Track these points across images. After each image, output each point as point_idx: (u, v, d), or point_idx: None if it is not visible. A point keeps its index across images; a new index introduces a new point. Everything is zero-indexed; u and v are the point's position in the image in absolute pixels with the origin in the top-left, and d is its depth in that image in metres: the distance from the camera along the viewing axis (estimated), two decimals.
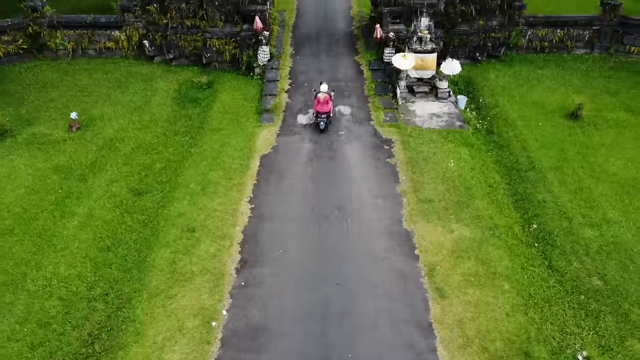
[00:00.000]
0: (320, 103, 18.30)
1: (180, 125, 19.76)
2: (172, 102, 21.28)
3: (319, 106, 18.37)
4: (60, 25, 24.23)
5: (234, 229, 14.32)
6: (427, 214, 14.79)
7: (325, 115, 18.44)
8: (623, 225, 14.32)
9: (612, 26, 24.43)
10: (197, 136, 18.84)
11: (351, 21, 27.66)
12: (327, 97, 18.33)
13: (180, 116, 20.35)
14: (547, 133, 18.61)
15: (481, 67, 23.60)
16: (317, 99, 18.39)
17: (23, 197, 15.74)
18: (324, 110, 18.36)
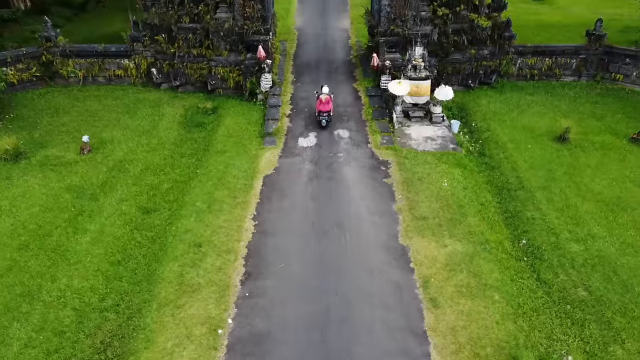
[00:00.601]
0: (322, 103, 20.75)
1: (186, 148, 20.69)
2: (179, 126, 22.27)
3: (321, 106, 20.81)
4: (72, 54, 25.46)
5: (238, 244, 15.09)
6: (421, 230, 15.58)
7: (326, 114, 20.94)
8: (607, 240, 15.11)
9: (597, 55, 25.69)
10: (203, 158, 19.76)
11: (349, 50, 28.97)
12: (328, 98, 20.86)
13: (187, 139, 21.29)
14: (536, 155, 19.56)
15: (474, 94, 24.73)
16: (319, 100, 20.84)
17: (38, 215, 16.55)
18: (326, 109, 20.84)
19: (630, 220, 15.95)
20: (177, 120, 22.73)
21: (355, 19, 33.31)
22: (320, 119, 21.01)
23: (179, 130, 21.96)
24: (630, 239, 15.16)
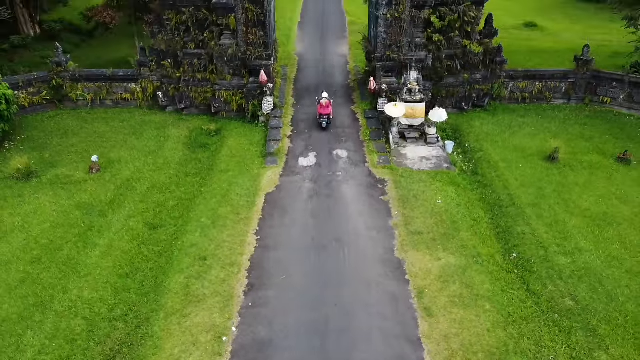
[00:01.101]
0: (322, 107, 23.29)
1: (191, 168, 21.51)
2: (184, 147, 23.15)
3: (322, 109, 23.34)
4: (81, 78, 26.49)
5: (241, 257, 15.80)
6: (416, 244, 16.31)
7: (326, 116, 23.41)
8: (593, 254, 15.83)
9: (585, 79, 26.79)
10: (207, 177, 20.57)
11: (348, 75, 30.11)
12: (328, 102, 23.41)
13: (191, 159, 22.14)
14: (527, 174, 20.40)
15: (467, 116, 25.71)
16: (320, 104, 23.36)
17: (49, 231, 17.27)
18: (326, 112, 23.37)
19: (615, 235, 16.69)
20: (182, 141, 23.61)
21: (354, 45, 34.59)
22: (321, 121, 23.46)
23: (183, 151, 22.81)
24: (615, 252, 15.88)
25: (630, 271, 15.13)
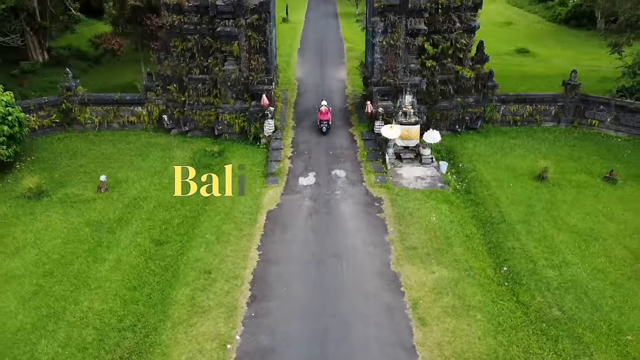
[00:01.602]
0: (322, 113, 26.01)
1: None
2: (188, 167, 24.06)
3: (321, 115, 26.03)
4: (90, 102, 27.55)
5: (244, 271, 16.57)
6: (411, 259, 17.10)
7: (326, 122, 26.09)
8: (579, 267, 16.62)
9: (574, 103, 27.89)
10: (211, 196, 21.43)
11: (346, 99, 31.26)
12: (327, 110, 26.07)
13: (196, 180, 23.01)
14: (517, 192, 21.30)
15: (461, 138, 26.73)
16: (320, 111, 26.06)
17: (60, 246, 18.06)
18: (325, 118, 26.07)
19: (601, 249, 17.50)
20: (187, 162, 24.51)
21: (351, 70, 35.89)
22: (321, 126, 26.16)
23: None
24: (600, 265, 16.67)
25: (614, 283, 15.89)
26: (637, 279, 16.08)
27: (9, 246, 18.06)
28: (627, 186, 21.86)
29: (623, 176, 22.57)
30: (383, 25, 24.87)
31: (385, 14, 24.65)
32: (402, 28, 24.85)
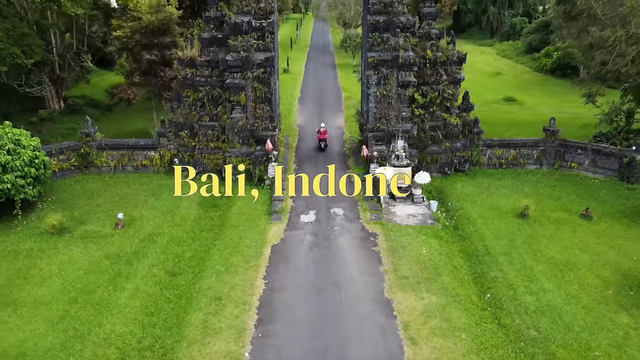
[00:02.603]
0: (321, 133, 31.65)
1: (204, 224, 24.26)
2: (198, 207, 25.99)
3: (320, 135, 31.60)
4: (106, 147, 29.82)
5: (252, 297, 18.25)
6: (403, 287, 18.82)
7: (324, 141, 31.56)
8: (555, 293, 18.32)
9: (554, 147, 30.21)
10: (219, 232, 23.28)
11: (344, 144, 33.61)
12: (325, 130, 31.75)
13: (205, 217, 24.93)
14: (501, 228, 23.20)
15: (450, 179, 28.85)
16: (319, 131, 31.67)
17: (82, 277, 19.76)
18: (323, 137, 31.67)
19: (575, 278, 19.24)
20: (196, 202, 26.47)
21: (349, 117, 38.49)
22: (320, 143, 31.56)
23: (197, 210, 25.64)
24: (574, 292, 18.38)
25: (586, 307, 17.57)
26: (606, 303, 17.78)
27: (36, 276, 19.77)
28: (602, 222, 23.79)
29: (598, 213, 24.53)
30: (376, 77, 27.49)
31: (379, 68, 27.31)
32: (393, 80, 27.46)
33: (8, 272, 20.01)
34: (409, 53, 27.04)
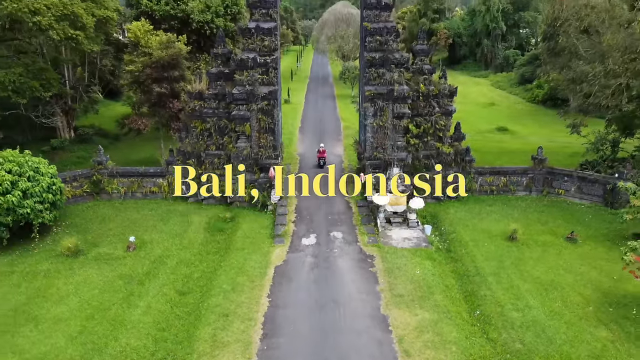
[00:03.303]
0: (320, 152, 35.77)
1: (211, 247, 25.65)
2: (204, 231, 27.44)
3: (320, 154, 35.70)
4: (117, 174, 31.41)
5: (257, 314, 19.56)
6: (398, 304, 20.14)
7: (323, 159, 35.65)
8: (540, 310, 19.64)
9: (542, 174, 31.84)
10: (225, 254, 24.66)
11: (342, 171, 35.23)
12: (324, 150, 35.70)
13: (211, 241, 26.34)
14: (491, 250, 24.62)
15: (443, 205, 30.38)
16: (319, 150, 35.83)
17: (97, 295, 21.08)
18: (322, 156, 35.81)
19: (558, 296, 20.59)
20: (203, 226, 27.94)
21: (347, 147, 40.26)
22: (319, 161, 35.63)
23: (204, 234, 27.07)
24: (557, 309, 19.70)
25: (567, 322, 18.88)
26: (587, 319, 19.09)
27: (54, 295, 21.09)
28: (586, 245, 25.23)
29: (583, 237, 25.98)
30: (373, 109, 29.34)
31: (375, 101, 29.18)
32: (389, 112, 29.30)
33: (28, 291, 21.35)
34: (403, 87, 28.95)
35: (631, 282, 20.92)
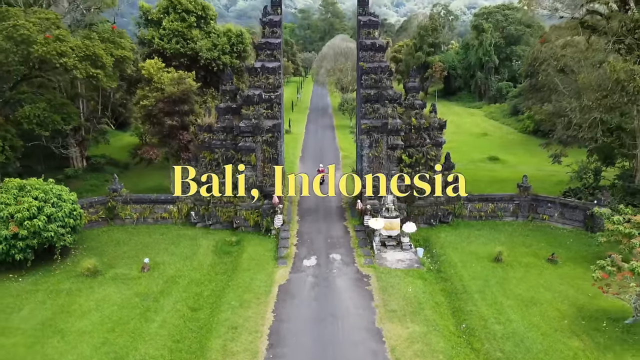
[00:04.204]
0: (320, 171, 39.83)
1: (219, 268, 27.70)
2: (212, 253, 29.52)
3: (319, 173, 39.72)
4: (131, 201, 33.67)
5: (263, 327, 21.54)
6: (391, 318, 22.13)
7: (322, 177, 39.65)
8: (520, 323, 21.63)
9: (527, 201, 34.11)
10: (233, 275, 26.69)
11: (341, 198, 37.51)
12: (323, 169, 40.28)
13: (219, 262, 28.40)
14: (477, 271, 26.69)
15: (435, 229, 32.56)
16: (318, 170, 40.25)
17: (117, 311, 23.05)
18: (322, 176, 39.79)
19: (537, 311, 22.59)
20: (211, 249, 30.04)
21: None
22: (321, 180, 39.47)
23: (212, 257, 29.15)
24: (536, 322, 21.70)
25: (544, 334, 20.86)
26: (562, 331, 21.08)
27: (77, 311, 23.06)
28: (566, 266, 27.32)
29: (564, 258, 28.09)
30: (369, 141, 31.82)
31: (371, 133, 31.69)
32: (384, 143, 31.77)
33: (53, 307, 23.33)
34: (396, 120, 31.51)
35: (603, 299, 22.94)
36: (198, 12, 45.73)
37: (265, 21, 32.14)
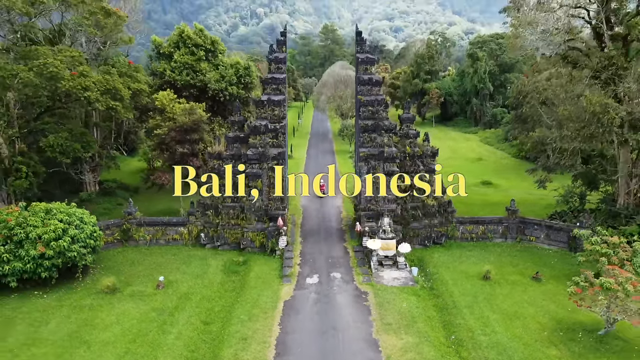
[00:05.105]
0: (320, 186, 42.96)
1: (228, 286, 29.90)
2: (221, 272, 31.73)
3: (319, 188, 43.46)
4: (144, 223, 36.00)
5: (270, 338, 23.69)
6: (387, 330, 24.29)
7: (322, 190, 44.31)
8: (503, 334, 23.79)
9: (515, 223, 36.45)
10: (241, 292, 28.89)
11: (341, 221, 39.88)
12: (323, 183, 44.36)
13: (228, 281, 30.61)
14: (467, 288, 28.88)
15: (429, 250, 34.83)
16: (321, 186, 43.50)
17: (136, 324, 25.21)
18: (322, 188, 44.58)
19: (520, 324, 24.76)
20: (220, 268, 32.26)
21: (345, 199, 45.01)
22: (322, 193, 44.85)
23: (221, 275, 31.36)
24: (518, 333, 23.86)
25: (525, 344, 23.00)
26: (541, 341, 23.23)
27: (99, 324, 25.22)
28: (549, 284, 29.53)
29: (547, 277, 30.31)
30: (367, 168, 34.33)
31: (368, 160, 34.21)
32: (380, 169, 34.26)
33: (77, 321, 25.49)
34: (392, 149, 34.06)
35: (581, 312, 25.12)
36: (207, 45, 48.79)
37: (272, 58, 34.99)
